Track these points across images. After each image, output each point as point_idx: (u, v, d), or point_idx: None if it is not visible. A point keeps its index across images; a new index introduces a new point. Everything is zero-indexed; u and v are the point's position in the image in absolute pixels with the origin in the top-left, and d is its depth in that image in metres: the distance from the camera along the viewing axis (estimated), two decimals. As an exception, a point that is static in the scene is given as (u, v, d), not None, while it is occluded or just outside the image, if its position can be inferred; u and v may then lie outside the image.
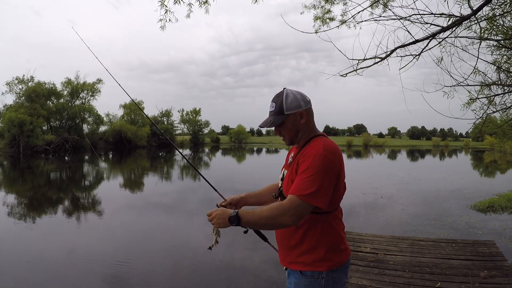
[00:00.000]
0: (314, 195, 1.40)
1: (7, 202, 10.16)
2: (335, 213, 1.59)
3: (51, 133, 38.28)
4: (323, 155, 1.45)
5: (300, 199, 1.40)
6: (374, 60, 4.13)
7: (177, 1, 3.99)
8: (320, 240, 1.52)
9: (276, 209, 1.42)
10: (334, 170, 1.47)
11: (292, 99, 1.60)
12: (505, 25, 3.98)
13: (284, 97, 1.61)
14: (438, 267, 3.92)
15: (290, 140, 1.65)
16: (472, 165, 29.80)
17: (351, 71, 4.22)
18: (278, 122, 1.61)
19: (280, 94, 1.64)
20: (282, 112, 1.61)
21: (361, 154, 43.54)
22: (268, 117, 1.66)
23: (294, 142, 1.66)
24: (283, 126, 1.62)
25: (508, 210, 8.96)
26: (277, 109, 1.62)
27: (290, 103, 1.60)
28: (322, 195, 1.42)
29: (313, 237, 1.53)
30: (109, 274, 4.83)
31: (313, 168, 1.43)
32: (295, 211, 1.40)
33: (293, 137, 1.64)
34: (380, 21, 4.02)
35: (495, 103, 4.50)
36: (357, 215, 8.41)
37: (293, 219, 1.40)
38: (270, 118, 1.63)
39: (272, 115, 1.63)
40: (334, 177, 1.47)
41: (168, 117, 59.49)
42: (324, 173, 1.43)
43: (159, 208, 9.70)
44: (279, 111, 1.62)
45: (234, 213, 1.45)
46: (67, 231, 7.16)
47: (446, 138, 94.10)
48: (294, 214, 1.40)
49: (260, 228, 1.56)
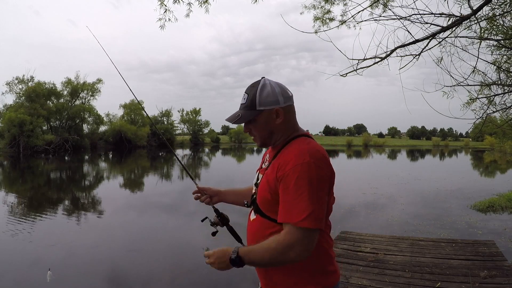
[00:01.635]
0: (314, 216, 1.14)
1: (7, 202, 10.16)
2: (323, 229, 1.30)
3: (51, 133, 38.33)
4: (311, 163, 1.17)
5: (302, 228, 1.14)
6: (374, 60, 4.13)
7: (176, 1, 3.99)
8: (306, 261, 1.22)
9: (276, 251, 1.16)
10: (326, 178, 1.21)
11: (269, 92, 1.30)
12: (505, 25, 3.97)
13: (259, 88, 1.31)
14: (438, 267, 3.91)
15: (261, 141, 1.37)
16: (472, 165, 29.79)
17: (351, 71, 4.22)
18: (247, 119, 1.32)
19: (255, 84, 1.34)
20: (254, 106, 1.31)
21: (361, 154, 43.56)
22: (238, 110, 1.37)
23: (267, 144, 1.38)
24: (254, 123, 1.33)
25: (508, 210, 8.95)
26: (248, 102, 1.32)
27: (265, 97, 1.30)
28: (322, 212, 1.17)
29: None
30: (109, 274, 4.83)
31: (302, 181, 1.15)
32: (301, 246, 1.15)
33: (265, 138, 1.35)
34: (380, 21, 4.01)
35: (495, 103, 4.49)
36: (357, 215, 8.41)
37: (304, 255, 1.16)
38: (239, 112, 1.34)
39: (241, 109, 1.34)
40: (327, 187, 1.21)
41: (168, 117, 59.59)
42: (317, 185, 1.16)
43: (159, 208, 9.70)
44: (250, 105, 1.32)
45: (235, 254, 1.21)
46: (67, 231, 7.15)
47: (446, 138, 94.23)
48: (303, 250, 1.15)
49: (266, 266, 1.30)
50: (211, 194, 1.66)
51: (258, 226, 1.35)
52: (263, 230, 1.31)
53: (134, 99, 51.66)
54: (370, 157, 38.61)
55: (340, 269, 4.02)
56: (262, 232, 1.30)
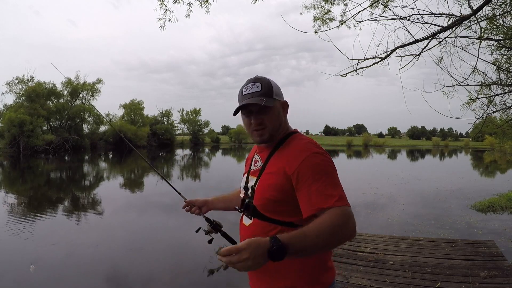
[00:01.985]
0: (344, 196, 1.14)
1: (7, 202, 10.16)
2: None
3: (51, 133, 38.32)
4: (320, 153, 1.21)
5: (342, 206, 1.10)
6: (374, 60, 4.13)
7: (176, 1, 4.00)
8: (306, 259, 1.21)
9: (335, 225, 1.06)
10: (334, 165, 1.23)
11: (277, 85, 1.33)
12: (505, 25, 3.97)
13: (270, 79, 1.32)
14: (438, 267, 3.91)
15: (271, 133, 1.30)
16: (472, 165, 29.79)
17: (351, 71, 4.22)
18: (270, 104, 1.26)
19: (261, 77, 1.34)
20: (271, 95, 1.28)
21: (361, 154, 43.55)
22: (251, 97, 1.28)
23: (274, 137, 1.32)
24: (270, 113, 1.28)
25: (508, 210, 8.96)
26: (265, 90, 1.27)
27: (277, 88, 1.32)
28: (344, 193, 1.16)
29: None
30: (109, 273, 4.83)
31: (320, 169, 1.16)
32: (353, 219, 1.10)
33: (276, 129, 1.31)
34: (380, 21, 4.02)
35: (495, 103, 4.50)
36: (357, 215, 8.36)
37: (355, 228, 1.11)
38: (258, 97, 1.26)
39: (259, 95, 1.27)
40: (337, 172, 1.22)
41: (168, 117, 59.60)
42: (332, 171, 1.18)
43: (159, 208, 9.70)
44: (268, 93, 1.27)
45: (276, 244, 0.97)
46: (67, 230, 7.15)
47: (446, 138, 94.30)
48: (354, 222, 1.10)
49: (316, 252, 1.13)
50: (200, 205, 1.72)
51: (256, 230, 1.31)
52: (263, 234, 1.26)
53: (134, 99, 51.78)
54: (370, 157, 38.61)
55: (340, 269, 4.03)
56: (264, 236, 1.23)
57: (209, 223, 1.63)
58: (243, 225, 1.41)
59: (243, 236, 1.39)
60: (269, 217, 1.28)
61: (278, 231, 1.23)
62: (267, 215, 1.29)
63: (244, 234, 1.38)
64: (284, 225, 1.25)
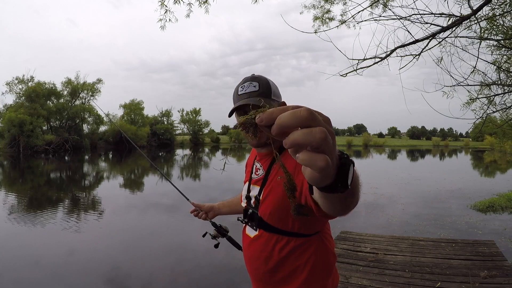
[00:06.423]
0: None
1: (7, 202, 10.15)
2: (326, 230, 1.28)
3: (51, 133, 38.34)
4: None
5: None
6: (374, 60, 4.14)
7: (177, 1, 4.00)
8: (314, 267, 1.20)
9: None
10: None
11: (275, 85, 1.27)
12: (505, 25, 3.97)
13: (269, 79, 1.26)
14: (438, 267, 3.91)
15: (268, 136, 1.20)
16: (472, 165, 29.79)
17: (351, 71, 4.23)
18: (269, 104, 1.19)
19: (258, 75, 1.26)
20: (269, 95, 1.23)
21: (361, 154, 43.54)
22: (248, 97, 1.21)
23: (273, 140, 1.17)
24: None
25: (508, 210, 8.95)
26: (263, 90, 1.21)
27: (275, 88, 1.26)
28: None
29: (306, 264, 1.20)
30: (109, 273, 4.83)
31: None
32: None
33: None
34: (380, 21, 4.02)
35: (495, 103, 4.50)
36: (357, 215, 8.40)
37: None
38: (255, 98, 1.20)
39: (255, 96, 1.21)
40: None
41: (168, 117, 59.65)
42: None
43: (159, 208, 9.70)
44: (266, 93, 1.22)
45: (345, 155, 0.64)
46: (67, 230, 7.15)
47: (446, 138, 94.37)
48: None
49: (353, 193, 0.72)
50: (206, 210, 1.72)
51: (264, 242, 1.26)
52: (272, 245, 1.23)
53: (134, 99, 51.78)
54: (370, 157, 38.62)
55: (340, 269, 4.03)
56: (272, 247, 1.23)
57: (215, 228, 1.68)
58: (247, 236, 1.35)
59: (249, 248, 1.33)
60: (277, 227, 1.23)
61: (285, 242, 1.20)
62: (274, 226, 1.24)
63: (249, 247, 1.33)
64: (292, 235, 1.22)
